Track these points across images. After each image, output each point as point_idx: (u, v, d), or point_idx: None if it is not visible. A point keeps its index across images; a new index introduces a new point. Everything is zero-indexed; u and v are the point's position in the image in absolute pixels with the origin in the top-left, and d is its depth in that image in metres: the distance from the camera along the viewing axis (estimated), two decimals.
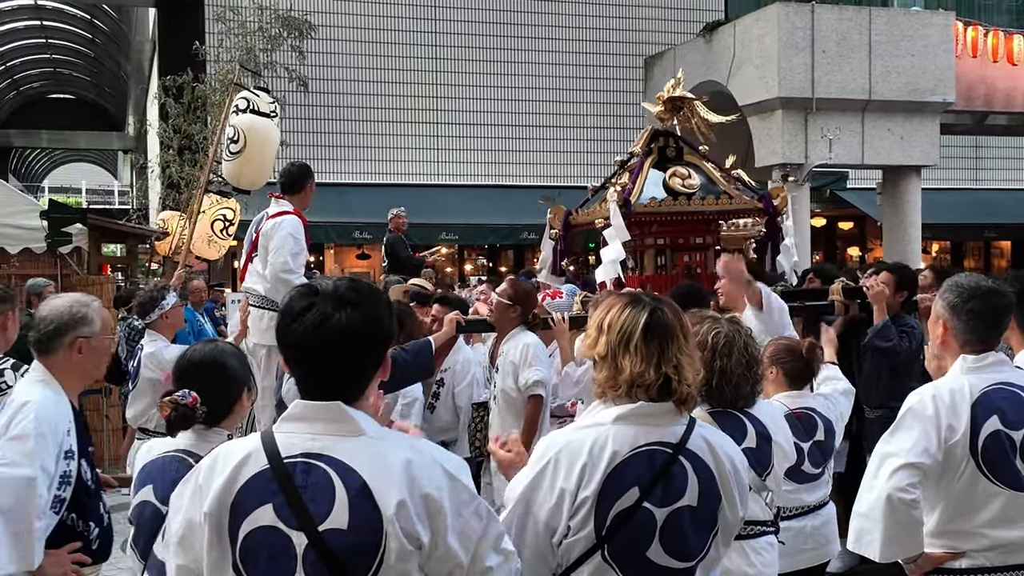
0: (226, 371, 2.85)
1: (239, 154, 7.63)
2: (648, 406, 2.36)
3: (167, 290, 5.60)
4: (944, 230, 20.91)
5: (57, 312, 3.17)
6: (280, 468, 1.93)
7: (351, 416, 1.98)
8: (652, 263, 6.21)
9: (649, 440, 2.36)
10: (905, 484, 2.76)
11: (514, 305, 5.19)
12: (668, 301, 2.50)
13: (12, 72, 38.15)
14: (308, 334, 1.95)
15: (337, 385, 1.98)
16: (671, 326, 2.39)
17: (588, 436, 2.38)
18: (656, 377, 2.34)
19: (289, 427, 1.99)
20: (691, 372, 2.38)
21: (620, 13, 20.22)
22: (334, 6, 18.64)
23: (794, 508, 3.92)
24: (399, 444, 2.01)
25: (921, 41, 15.55)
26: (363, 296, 2.00)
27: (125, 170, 45.05)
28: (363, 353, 1.99)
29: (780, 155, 15.18)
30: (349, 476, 1.92)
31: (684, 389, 2.36)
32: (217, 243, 9.73)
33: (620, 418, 2.37)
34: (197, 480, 2.00)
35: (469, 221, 18.19)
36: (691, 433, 2.39)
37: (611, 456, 2.33)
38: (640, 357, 2.35)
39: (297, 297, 2.00)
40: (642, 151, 6.25)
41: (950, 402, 2.83)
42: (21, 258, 10.04)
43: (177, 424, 2.78)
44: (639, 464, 2.33)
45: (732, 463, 2.43)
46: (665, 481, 2.33)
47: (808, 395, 4.06)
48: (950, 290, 2.97)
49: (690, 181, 6.00)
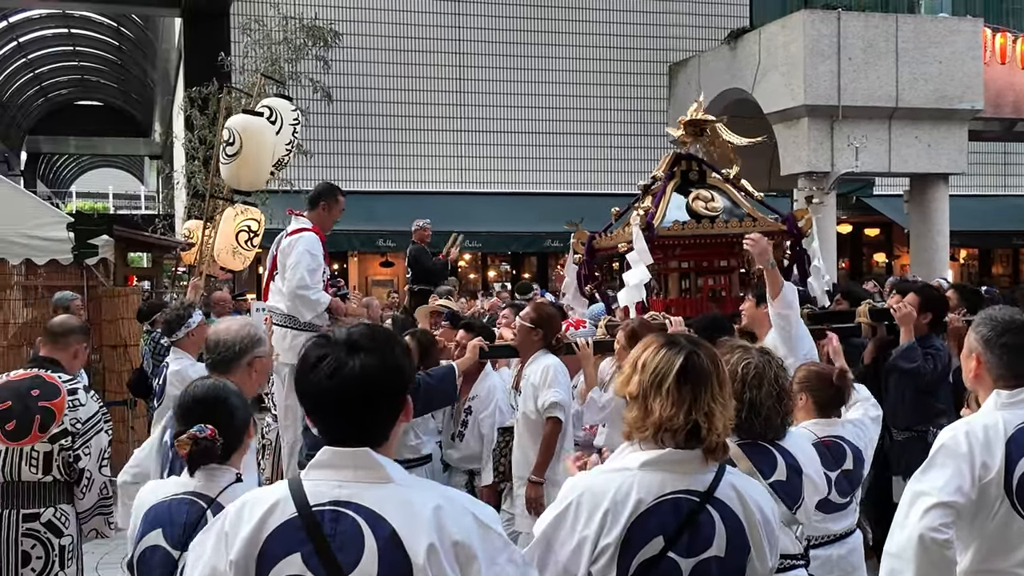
0: (230, 406, 2.85)
1: (235, 156, 7.62)
2: (676, 453, 2.32)
3: (193, 308, 5.62)
4: (972, 237, 20.69)
5: (234, 336, 3.46)
6: (308, 516, 1.91)
7: (379, 463, 1.96)
8: (676, 286, 6.14)
9: (676, 488, 2.31)
10: (938, 524, 2.69)
11: (536, 328, 5.14)
12: (706, 345, 2.45)
13: (40, 79, 38.57)
14: (323, 383, 1.93)
15: (357, 433, 1.96)
16: (706, 372, 2.34)
17: (613, 481, 2.34)
18: (685, 423, 2.30)
19: (317, 474, 1.97)
20: (722, 420, 2.33)
21: (644, 20, 20.16)
22: (358, 15, 18.70)
23: (820, 537, 3.86)
24: (428, 491, 1.99)
25: (949, 48, 15.38)
26: (377, 342, 1.98)
27: (151, 176, 45.40)
28: (380, 399, 1.97)
29: (806, 163, 15.05)
30: (378, 524, 1.90)
31: (713, 438, 2.31)
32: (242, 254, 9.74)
33: (646, 464, 2.33)
34: (223, 527, 1.98)
35: (492, 229, 18.18)
36: (720, 481, 2.34)
37: (635, 504, 2.29)
38: (671, 401, 2.30)
39: (312, 347, 2.00)
40: (664, 175, 6.19)
41: (984, 439, 2.77)
42: (48, 269, 10.12)
43: (199, 459, 2.76)
44: (664, 513, 2.29)
45: (762, 512, 2.37)
46: (692, 530, 2.29)
47: (838, 423, 4.00)
48: (984, 323, 2.91)
49: (713, 204, 5.94)
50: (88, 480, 4.15)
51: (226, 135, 7.72)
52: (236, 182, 7.86)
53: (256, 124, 7.67)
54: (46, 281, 10.34)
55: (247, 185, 7.89)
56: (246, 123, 7.65)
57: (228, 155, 7.62)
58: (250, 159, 7.53)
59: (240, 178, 7.72)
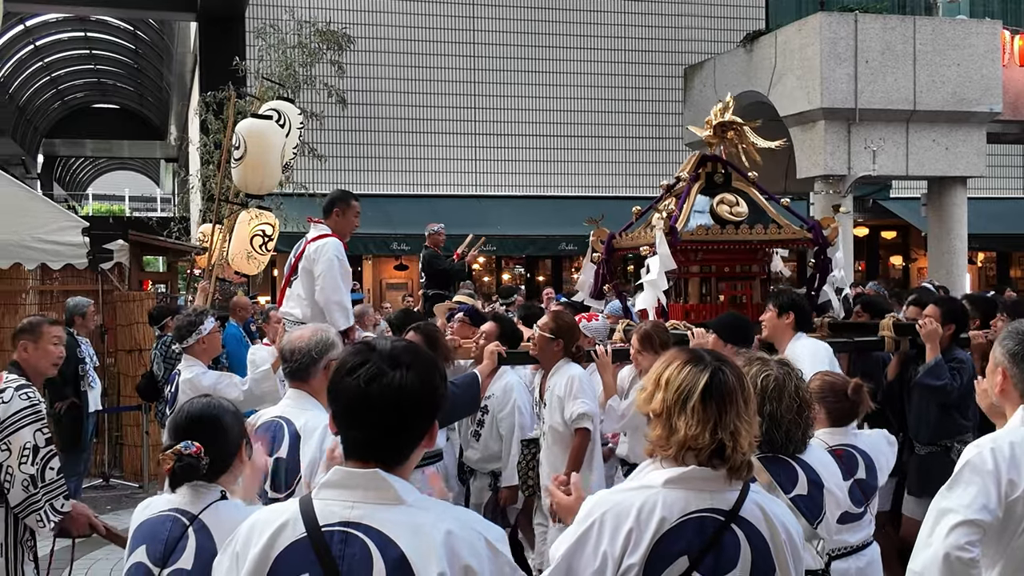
0: (223, 425, 2.78)
1: (241, 160, 7.60)
2: (700, 470, 2.27)
3: (206, 315, 5.57)
4: (991, 240, 20.54)
5: (308, 342, 3.58)
6: (318, 538, 1.88)
7: (391, 483, 1.92)
8: (696, 292, 6.05)
9: (700, 506, 2.26)
10: (964, 542, 2.63)
11: (556, 338, 5.07)
12: (731, 362, 2.40)
13: (57, 82, 38.79)
14: (360, 388, 1.90)
15: (381, 447, 1.93)
16: (732, 389, 2.29)
17: (636, 499, 2.28)
18: (711, 442, 2.24)
19: (328, 494, 1.94)
20: (747, 439, 2.28)
21: (660, 23, 20.10)
22: (373, 19, 18.72)
23: (837, 549, 3.79)
24: (440, 514, 1.94)
25: (967, 50, 15.26)
26: (420, 360, 1.96)
27: (167, 179, 45.60)
28: (412, 416, 1.94)
29: (822, 167, 14.94)
30: (388, 547, 1.86)
31: (739, 457, 2.26)
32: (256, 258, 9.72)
33: (670, 481, 2.28)
34: (235, 548, 1.97)
35: (506, 232, 18.15)
36: (745, 500, 2.29)
37: (659, 522, 2.24)
38: (696, 419, 2.25)
39: (353, 353, 1.97)
40: (689, 176, 6.09)
41: (1010, 455, 2.70)
42: (63, 274, 10.15)
43: (181, 476, 2.71)
44: (689, 531, 2.24)
45: (787, 533, 2.32)
46: (716, 550, 2.24)
47: (850, 432, 3.94)
48: (1010, 337, 2.84)
49: (738, 209, 5.85)
50: (9, 476, 4.14)
51: (234, 140, 7.71)
52: (244, 185, 7.83)
53: (260, 127, 7.64)
54: (61, 286, 10.36)
55: (255, 188, 7.86)
56: (250, 127, 7.62)
57: (235, 159, 7.60)
58: (255, 162, 7.51)
59: (248, 181, 7.70)
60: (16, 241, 9.71)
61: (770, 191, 6.67)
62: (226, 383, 5.19)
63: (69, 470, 8.20)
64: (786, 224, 5.99)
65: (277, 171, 7.76)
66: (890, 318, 5.75)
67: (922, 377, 5.32)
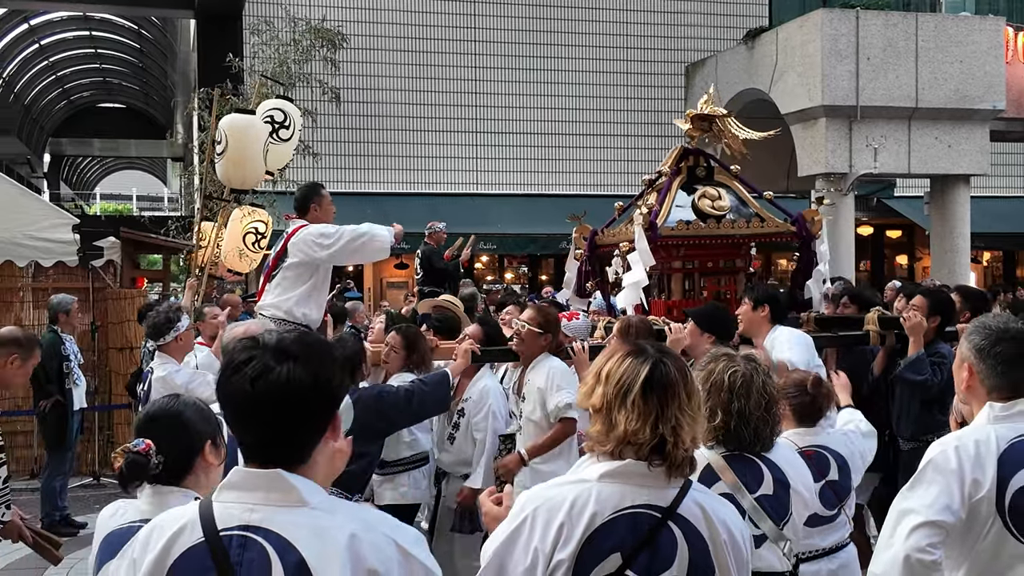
0: (182, 422, 2.64)
1: (223, 155, 7.53)
2: (637, 464, 2.18)
3: (182, 312, 5.49)
4: (996, 239, 20.39)
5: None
6: (215, 542, 1.78)
7: (292, 484, 1.81)
8: (679, 288, 5.94)
9: (636, 502, 2.17)
10: (925, 544, 2.53)
11: (545, 333, 4.99)
12: (674, 354, 2.31)
13: (63, 82, 38.88)
14: (245, 388, 1.79)
15: (277, 447, 1.82)
16: (674, 382, 2.20)
17: (570, 493, 2.20)
18: (651, 437, 2.16)
19: (228, 496, 1.84)
20: (690, 434, 2.18)
21: (661, 20, 19.99)
22: (367, 16, 18.65)
23: (806, 552, 3.69)
24: (345, 516, 1.83)
25: (970, 47, 15.14)
26: (309, 350, 1.84)
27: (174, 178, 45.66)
28: (305, 412, 1.82)
29: (824, 164, 14.84)
30: (287, 552, 1.77)
31: (680, 453, 2.17)
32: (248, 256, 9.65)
33: (606, 476, 2.19)
34: (132, 553, 1.87)
35: (507, 231, 18.07)
36: (684, 497, 2.19)
37: (591, 517, 2.15)
38: (637, 413, 2.17)
39: (239, 349, 1.86)
40: (671, 170, 5.98)
41: (975, 454, 2.60)
42: (55, 271, 10.11)
43: (130, 475, 2.58)
44: (622, 528, 2.15)
45: (729, 533, 2.21)
46: (651, 549, 2.15)
47: (821, 432, 3.84)
48: (976, 331, 2.74)
49: (720, 203, 5.72)
50: None
51: (216, 135, 7.65)
52: (227, 180, 7.76)
53: (241, 122, 7.57)
54: (54, 283, 10.32)
55: (238, 183, 7.77)
56: (232, 122, 7.55)
57: (218, 154, 7.53)
58: (237, 157, 7.42)
59: (230, 176, 7.61)
60: (7, 238, 9.69)
61: (773, 189, 6.57)
62: (199, 381, 5.09)
63: (55, 468, 8.19)
64: (769, 217, 5.88)
65: (260, 166, 7.66)
66: (875, 311, 5.65)
67: (903, 371, 5.22)
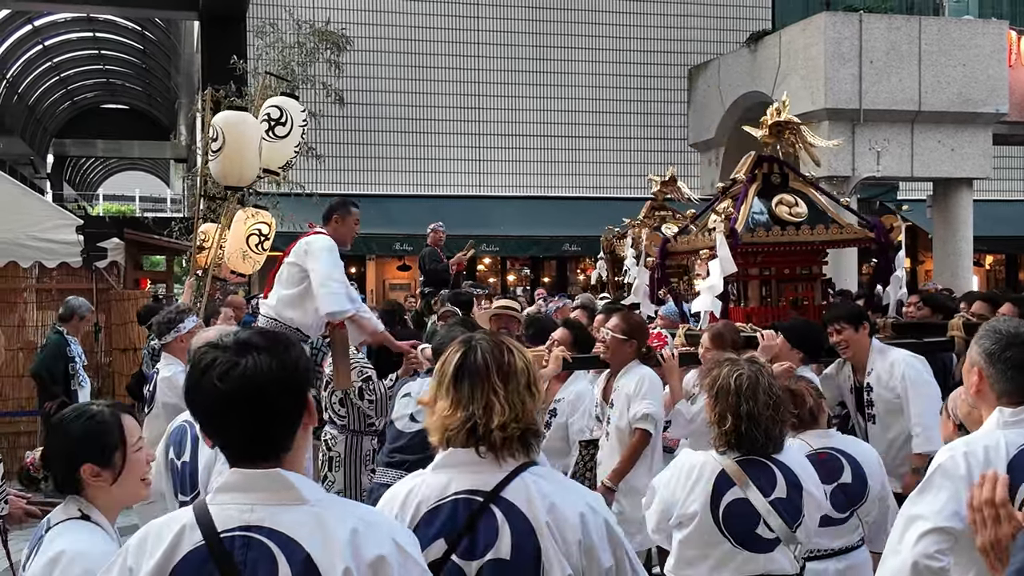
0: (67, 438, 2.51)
1: (219, 152, 7.53)
2: (464, 453, 2.23)
3: (187, 312, 5.50)
4: (998, 243, 20.37)
5: None
6: (217, 544, 1.78)
7: (291, 482, 1.83)
8: (757, 294, 5.92)
9: (460, 488, 2.22)
10: (933, 551, 2.52)
11: (630, 339, 4.99)
12: (498, 339, 2.35)
13: (66, 83, 38.91)
14: (214, 388, 1.80)
15: (260, 443, 1.83)
16: (484, 365, 2.25)
17: (407, 485, 2.31)
18: (464, 421, 2.20)
19: (224, 497, 1.84)
20: (506, 416, 2.19)
21: (664, 23, 19.99)
22: (371, 18, 18.67)
23: (812, 551, 3.67)
24: (345, 513, 1.86)
25: (973, 51, 15.13)
26: (271, 340, 1.87)
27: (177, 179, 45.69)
28: (277, 399, 1.83)
29: (826, 168, 14.79)
30: (292, 549, 1.78)
31: (496, 434, 2.19)
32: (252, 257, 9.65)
33: (436, 466, 2.28)
34: (125, 561, 1.84)
35: (509, 233, 18.08)
36: (510, 481, 2.20)
37: (416, 507, 2.24)
38: (450, 400, 2.24)
39: (200, 354, 1.87)
40: (746, 177, 5.95)
41: (984, 460, 2.59)
42: (60, 272, 10.13)
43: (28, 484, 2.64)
44: (444, 515, 2.22)
45: (555, 514, 2.18)
46: (472, 533, 2.19)
47: (835, 434, 3.84)
48: (987, 335, 2.73)
49: (797, 209, 5.75)
50: None
51: (211, 132, 7.64)
52: (223, 178, 7.74)
53: (235, 118, 7.55)
54: (58, 284, 10.34)
55: (234, 180, 7.74)
56: (226, 118, 7.53)
57: (214, 151, 7.51)
58: (232, 153, 7.40)
59: (226, 174, 7.58)
60: (11, 239, 9.69)
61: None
62: None
63: None
64: (847, 224, 5.88)
65: (255, 163, 7.63)
66: (959, 318, 5.63)
67: None
